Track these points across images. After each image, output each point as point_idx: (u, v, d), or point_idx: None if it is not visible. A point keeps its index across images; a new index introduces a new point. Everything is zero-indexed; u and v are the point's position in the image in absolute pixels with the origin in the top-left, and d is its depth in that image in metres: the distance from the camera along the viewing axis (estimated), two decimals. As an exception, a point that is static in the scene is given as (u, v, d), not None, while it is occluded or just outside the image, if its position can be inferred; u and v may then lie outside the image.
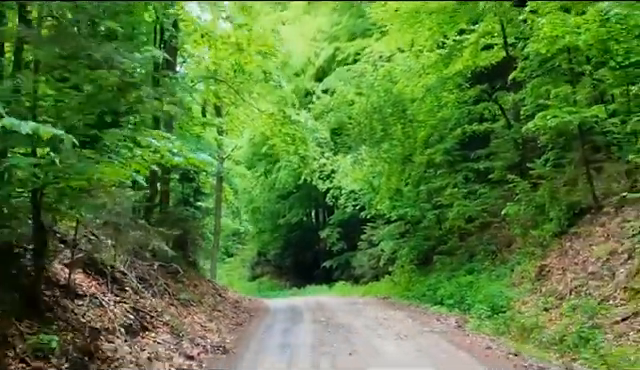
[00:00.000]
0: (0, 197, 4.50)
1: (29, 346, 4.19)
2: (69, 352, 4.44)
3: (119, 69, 4.37)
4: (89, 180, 4.47)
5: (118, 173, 4.71)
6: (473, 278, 12.61)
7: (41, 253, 4.89)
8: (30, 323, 4.50)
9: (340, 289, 20.28)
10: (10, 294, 4.58)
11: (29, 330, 4.40)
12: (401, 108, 14.41)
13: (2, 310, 4.31)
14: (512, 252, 12.73)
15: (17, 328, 4.31)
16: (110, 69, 4.28)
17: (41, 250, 4.88)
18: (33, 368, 4.06)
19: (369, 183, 17.01)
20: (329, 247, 24.00)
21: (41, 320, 4.64)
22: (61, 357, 4.31)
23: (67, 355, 4.39)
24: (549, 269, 10.69)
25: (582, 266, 9.77)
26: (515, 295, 10.58)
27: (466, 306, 11.00)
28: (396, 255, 17.78)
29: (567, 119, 10.58)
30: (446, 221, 15.41)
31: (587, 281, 9.16)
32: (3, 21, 5.05)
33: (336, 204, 20.89)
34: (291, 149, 12.83)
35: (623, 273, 8.51)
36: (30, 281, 4.82)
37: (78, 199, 4.83)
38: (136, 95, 4.61)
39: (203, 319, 8.13)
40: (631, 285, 8.06)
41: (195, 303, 8.81)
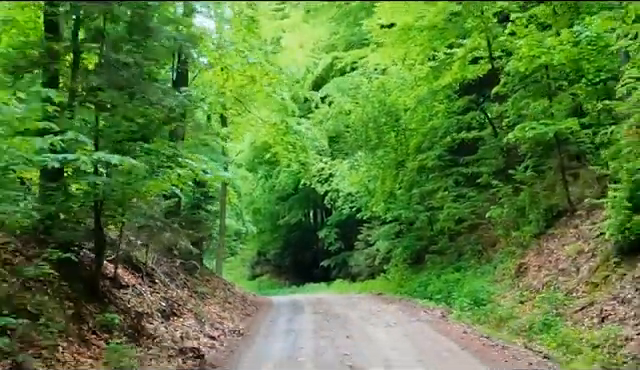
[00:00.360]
0: (64, 207, 5.75)
1: (97, 322, 5.44)
2: (124, 328, 5.70)
3: (166, 107, 5.62)
4: (138, 192, 5.71)
5: (161, 186, 5.96)
6: (460, 275, 13.91)
7: (100, 252, 6.14)
8: (94, 306, 5.75)
9: (338, 287, 21.55)
10: (76, 284, 5.83)
11: (95, 310, 5.65)
12: (394, 117, 15.70)
13: (74, 296, 5.56)
14: (496, 251, 14.02)
15: (87, 308, 5.56)
16: (153, 105, 5.52)
17: (100, 249, 6.14)
18: (102, 338, 5.31)
19: (365, 186, 18.29)
20: (327, 247, 25.26)
21: (101, 304, 5.89)
22: (120, 331, 5.58)
23: (124, 330, 5.65)
24: (527, 266, 11.98)
25: (554, 263, 11.05)
26: (496, 290, 11.87)
27: (452, 300, 12.28)
28: (391, 254, 19.04)
29: (543, 131, 11.90)
30: (437, 222, 16.68)
31: (557, 277, 10.44)
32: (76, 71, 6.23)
33: (334, 206, 22.15)
34: (292, 156, 14.09)
35: (586, 269, 9.80)
36: (90, 273, 6.07)
37: (128, 207, 6.09)
38: (175, 125, 5.88)
39: (218, 309, 9.42)
40: (591, 280, 9.34)
41: (210, 296, 10.10)
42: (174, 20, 7.37)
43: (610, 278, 8.90)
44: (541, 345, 7.41)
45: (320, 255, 26.05)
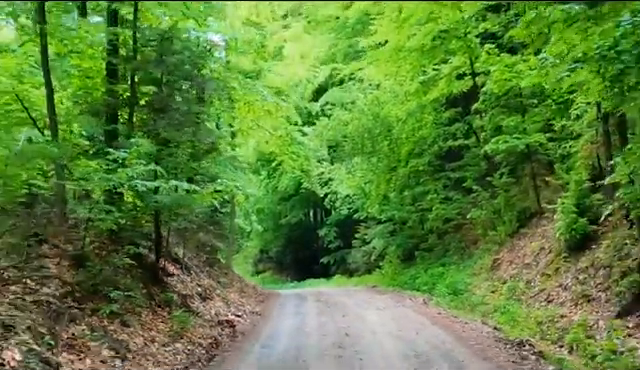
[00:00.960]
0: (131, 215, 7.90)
1: (161, 299, 7.60)
2: (178, 304, 7.87)
3: (209, 141, 7.77)
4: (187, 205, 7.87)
5: (203, 199, 8.10)
6: (444, 269, 16.12)
7: (158, 249, 8.30)
8: (156, 288, 7.92)
9: (337, 281, 23.75)
10: (143, 271, 8.00)
11: (157, 291, 7.82)
12: (387, 128, 17.89)
13: (144, 280, 7.73)
14: (477, 248, 16.21)
15: (153, 289, 7.74)
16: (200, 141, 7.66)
17: (158, 246, 8.29)
18: (165, 310, 7.48)
19: (361, 189, 20.49)
20: (327, 245, 27.44)
21: (160, 286, 8.06)
22: (176, 306, 7.75)
23: (178, 306, 7.83)
24: (500, 261, 14.18)
25: (522, 259, 13.25)
26: (473, 282, 14.07)
27: (435, 290, 14.50)
28: (385, 251, 21.25)
29: (515, 144, 14.10)
30: (427, 222, 18.86)
31: (522, 269, 12.64)
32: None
33: (333, 206, 24.35)
34: (296, 165, 16.22)
35: (543, 263, 12.00)
36: (151, 264, 8.24)
37: (177, 215, 8.24)
38: (217, 154, 8.03)
39: (237, 296, 11.57)
40: (546, 271, 11.53)
41: (229, 285, 12.24)
42: (218, 77, 9.54)
43: (559, 270, 11.09)
44: (495, 321, 9.60)
45: (320, 252, 28.21)
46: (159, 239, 8.50)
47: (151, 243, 8.74)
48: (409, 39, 16.81)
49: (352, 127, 17.93)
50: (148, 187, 6.77)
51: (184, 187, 6.99)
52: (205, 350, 7.00)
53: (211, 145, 8.52)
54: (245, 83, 11.10)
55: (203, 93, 9.32)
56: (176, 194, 7.23)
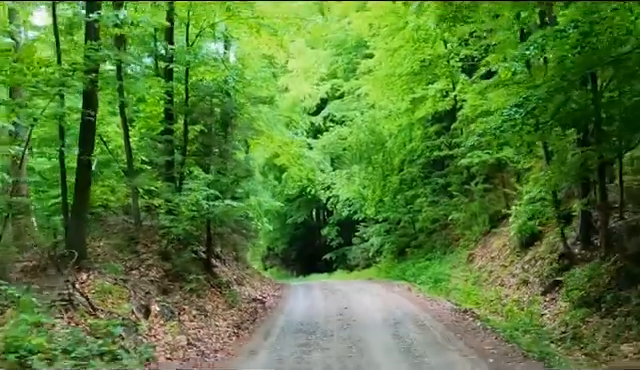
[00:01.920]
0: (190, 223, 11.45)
1: (214, 282, 11.16)
2: (225, 286, 11.45)
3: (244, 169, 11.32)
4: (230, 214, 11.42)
5: (241, 211, 11.61)
6: (430, 263, 19.68)
7: (209, 247, 11.86)
8: (209, 275, 11.49)
9: (338, 275, 27.33)
10: (199, 264, 11.57)
11: (211, 277, 11.38)
12: (381, 142, 21.45)
13: (202, 269, 11.31)
14: (457, 245, 19.75)
15: (208, 276, 11.33)
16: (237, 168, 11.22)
17: (209, 246, 11.85)
18: (218, 290, 11.05)
19: (359, 194, 24.07)
20: (329, 242, 30.99)
21: (212, 274, 11.62)
22: (224, 288, 11.33)
23: (225, 287, 11.40)
24: (474, 256, 17.72)
25: (490, 253, 16.80)
26: (452, 272, 17.62)
27: (420, 280, 18.07)
28: (381, 248, 24.85)
29: (486, 158, 17.61)
30: (417, 222, 22.43)
31: (488, 262, 16.21)
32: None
33: (334, 208, 27.91)
34: (303, 174, 19.68)
35: (503, 257, 15.57)
36: (204, 259, 11.80)
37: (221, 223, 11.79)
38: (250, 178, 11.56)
39: (259, 284, 15.12)
40: (503, 263, 15.10)
41: (252, 276, 15.79)
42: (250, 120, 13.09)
43: (513, 262, 14.65)
44: (457, 300, 13.18)
45: (323, 249, 31.76)
46: (209, 240, 12.06)
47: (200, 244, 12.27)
48: (399, 66, 20.31)
49: (351, 141, 21.49)
50: (213, 205, 10.28)
51: (233, 205, 10.53)
52: (249, 315, 10.56)
53: (247, 172, 12.05)
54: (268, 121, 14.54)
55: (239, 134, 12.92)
56: (224, 208, 10.74)
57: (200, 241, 12.25)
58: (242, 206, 11.40)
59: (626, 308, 8.65)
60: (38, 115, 9.02)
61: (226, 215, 11.22)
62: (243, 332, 9.18)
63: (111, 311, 6.98)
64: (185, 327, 8.13)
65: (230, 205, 10.66)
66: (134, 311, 7.47)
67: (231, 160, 12.27)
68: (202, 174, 11.38)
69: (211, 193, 10.44)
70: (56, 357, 5.18)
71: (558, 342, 8.82)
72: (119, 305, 7.38)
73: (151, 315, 7.74)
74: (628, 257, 9.69)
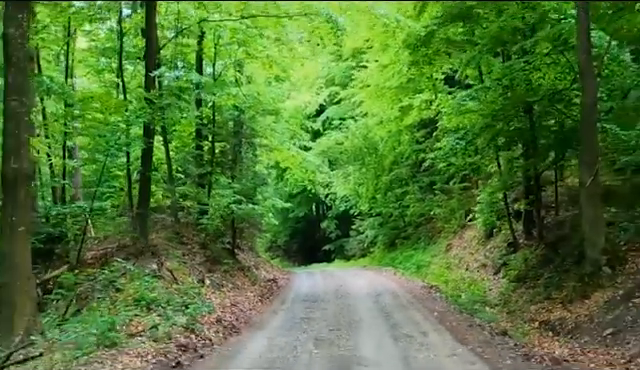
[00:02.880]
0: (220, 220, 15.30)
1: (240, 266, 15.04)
2: (248, 270, 15.34)
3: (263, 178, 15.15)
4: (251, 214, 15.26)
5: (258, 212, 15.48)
6: (414, 252, 23.61)
7: (234, 240, 15.72)
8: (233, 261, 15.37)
9: (336, 264, 31.28)
10: (227, 252, 15.45)
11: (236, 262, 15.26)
12: (373, 146, 25.30)
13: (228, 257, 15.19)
14: (439, 237, 23.68)
15: (233, 261, 15.22)
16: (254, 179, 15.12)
17: (234, 237, 15.70)
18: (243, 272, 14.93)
19: (355, 191, 27.98)
20: (328, 234, 34.91)
21: (236, 261, 15.50)
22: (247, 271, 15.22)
23: (248, 270, 15.30)
24: (452, 246, 21.64)
25: (463, 244, 20.73)
26: (432, 260, 21.55)
27: (405, 266, 22.00)
28: (375, 240, 28.80)
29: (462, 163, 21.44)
30: (406, 217, 26.34)
31: (461, 250, 20.15)
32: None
33: (333, 203, 31.81)
34: (305, 176, 23.49)
35: (471, 246, 19.52)
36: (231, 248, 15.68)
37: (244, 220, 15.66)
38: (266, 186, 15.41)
39: (270, 269, 19.03)
40: (471, 251, 19.04)
41: (263, 263, 19.70)
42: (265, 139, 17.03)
43: (478, 250, 18.58)
44: (429, 280, 17.11)
45: (322, 241, 35.71)
46: (234, 234, 15.93)
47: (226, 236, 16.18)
48: (389, 80, 24.09)
49: (347, 145, 25.37)
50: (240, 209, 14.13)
51: (254, 207, 14.38)
52: (267, 290, 14.43)
53: (262, 181, 15.90)
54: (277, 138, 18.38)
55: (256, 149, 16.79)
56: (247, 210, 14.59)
57: (225, 234, 16.13)
58: (260, 208, 15.32)
59: (540, 282, 12.53)
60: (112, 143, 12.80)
61: (247, 215, 15.08)
62: (265, 300, 13.08)
63: (182, 281, 10.83)
64: (226, 295, 11.99)
65: (252, 208, 14.55)
66: (196, 282, 11.33)
67: (250, 171, 16.15)
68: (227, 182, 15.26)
69: (237, 198, 14.29)
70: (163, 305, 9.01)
71: (493, 306, 12.71)
72: (185, 278, 11.23)
73: (205, 286, 11.57)
74: (548, 245, 13.59)
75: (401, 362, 7.30)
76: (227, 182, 15.31)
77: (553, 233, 14.16)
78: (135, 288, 9.17)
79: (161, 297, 9.21)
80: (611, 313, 9.15)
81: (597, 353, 8.01)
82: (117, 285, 9.33)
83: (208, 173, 15.97)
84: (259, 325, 10.13)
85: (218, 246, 14.78)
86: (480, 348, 8.07)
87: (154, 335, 7.55)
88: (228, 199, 14.19)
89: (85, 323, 7.38)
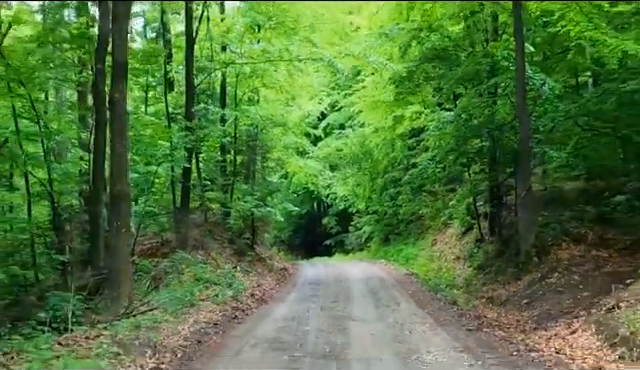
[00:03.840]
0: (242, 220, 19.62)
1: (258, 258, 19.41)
2: (264, 260, 19.73)
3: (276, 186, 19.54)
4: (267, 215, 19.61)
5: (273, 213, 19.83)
6: (405, 247, 28.04)
7: (253, 236, 20.09)
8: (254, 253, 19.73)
9: (336, 257, 35.69)
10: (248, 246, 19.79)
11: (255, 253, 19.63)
12: (369, 152, 29.65)
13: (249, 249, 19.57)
14: (426, 233, 28.11)
15: (253, 254, 19.59)
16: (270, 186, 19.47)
17: (253, 234, 20.06)
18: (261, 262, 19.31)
19: (353, 191, 32.38)
20: (328, 230, 39.32)
21: (255, 253, 19.90)
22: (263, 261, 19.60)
23: (264, 260, 19.69)
24: (436, 241, 26.07)
25: (445, 239, 25.16)
26: (419, 253, 26.00)
27: (395, 259, 26.41)
28: (371, 235, 33.23)
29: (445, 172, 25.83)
30: (399, 215, 30.76)
31: (443, 245, 24.57)
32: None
33: (333, 202, 36.21)
34: (308, 179, 27.80)
35: (451, 241, 23.92)
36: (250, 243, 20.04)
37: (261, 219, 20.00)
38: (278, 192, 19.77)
39: (281, 260, 23.45)
40: (450, 246, 23.43)
41: (274, 255, 24.11)
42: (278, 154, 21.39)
43: (456, 245, 22.98)
44: (412, 269, 21.52)
45: (323, 236, 40.08)
46: (253, 231, 20.30)
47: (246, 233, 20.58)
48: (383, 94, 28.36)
49: (346, 152, 29.74)
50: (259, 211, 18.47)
51: (270, 210, 18.73)
52: (282, 276, 18.80)
53: (276, 188, 20.26)
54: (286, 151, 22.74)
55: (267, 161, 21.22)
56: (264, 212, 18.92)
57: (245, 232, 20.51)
58: (275, 211, 19.68)
59: (493, 269, 16.88)
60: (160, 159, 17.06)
61: (264, 216, 19.44)
62: (281, 283, 17.46)
63: (222, 267, 15.18)
64: (252, 278, 16.33)
65: (268, 210, 18.92)
66: (231, 268, 15.67)
67: (265, 181, 20.48)
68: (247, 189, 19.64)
69: (257, 203, 18.64)
70: (215, 282, 13.35)
71: (458, 288, 17.05)
72: (223, 265, 15.58)
73: (237, 271, 15.89)
74: (503, 241, 17.94)
75: (378, 318, 11.65)
76: (246, 189, 19.68)
77: (508, 231, 18.50)
78: (193, 271, 13.52)
79: (212, 278, 13.56)
80: (530, 289, 13.48)
81: (513, 315, 12.29)
82: (180, 269, 13.68)
83: (231, 181, 20.32)
84: (279, 299, 14.52)
85: (242, 241, 19.16)
86: (433, 311, 12.44)
87: (215, 301, 11.92)
88: (250, 204, 18.56)
89: (169, 293, 11.73)
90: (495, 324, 10.80)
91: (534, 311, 12.19)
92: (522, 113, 15.02)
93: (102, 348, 7.64)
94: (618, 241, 14.81)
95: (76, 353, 7.58)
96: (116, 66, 12.45)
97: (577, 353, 8.37)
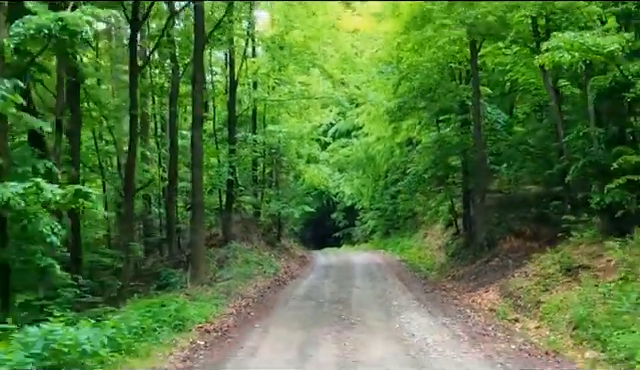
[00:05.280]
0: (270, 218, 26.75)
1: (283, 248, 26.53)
2: (288, 250, 26.91)
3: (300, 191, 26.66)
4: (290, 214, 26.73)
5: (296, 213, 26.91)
6: (402, 239, 35.21)
7: (279, 231, 27.20)
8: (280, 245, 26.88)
9: (344, 248, 42.93)
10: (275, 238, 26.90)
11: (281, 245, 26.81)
12: (372, 158, 36.76)
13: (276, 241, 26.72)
14: (420, 228, 35.29)
15: (281, 244, 26.77)
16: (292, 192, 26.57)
17: (279, 229, 27.17)
18: (286, 251, 26.46)
19: (358, 191, 39.58)
20: (337, 224, 46.55)
21: (281, 244, 27.01)
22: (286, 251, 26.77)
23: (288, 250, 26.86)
24: (427, 234, 33.26)
25: (433, 233, 32.34)
26: (413, 245, 33.18)
27: (393, 249, 33.58)
28: (375, 229, 40.45)
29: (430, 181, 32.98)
30: (398, 211, 37.92)
31: (431, 238, 31.75)
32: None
33: (341, 199, 43.41)
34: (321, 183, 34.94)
35: (437, 234, 31.04)
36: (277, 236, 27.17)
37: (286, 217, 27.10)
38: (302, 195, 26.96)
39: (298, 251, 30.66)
40: (436, 238, 30.54)
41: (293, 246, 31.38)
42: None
43: (440, 237, 30.16)
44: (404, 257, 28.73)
45: (332, 229, 47.32)
46: (279, 227, 27.40)
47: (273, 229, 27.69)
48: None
49: (351, 158, 36.87)
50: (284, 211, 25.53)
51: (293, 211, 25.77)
52: (302, 262, 25.89)
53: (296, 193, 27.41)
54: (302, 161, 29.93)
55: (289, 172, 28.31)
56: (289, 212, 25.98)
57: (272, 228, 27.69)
58: (295, 211, 26.83)
59: (460, 256, 23.95)
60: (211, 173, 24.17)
61: (287, 215, 26.55)
62: (302, 267, 24.63)
63: (262, 254, 22.36)
64: (282, 263, 23.49)
65: (292, 211, 26.05)
66: (267, 255, 22.82)
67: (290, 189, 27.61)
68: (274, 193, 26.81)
69: (283, 205, 25.76)
70: (260, 264, 20.52)
71: (434, 270, 24.15)
72: (262, 252, 22.77)
73: (272, 257, 23.03)
74: (470, 235, 25.00)
75: (370, 287, 18.77)
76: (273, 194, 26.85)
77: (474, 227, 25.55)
78: (243, 256, 20.68)
79: (257, 261, 20.74)
80: (477, 269, 20.50)
81: (461, 285, 19.29)
82: (235, 254, 20.82)
83: (261, 188, 27.48)
84: (303, 276, 21.70)
85: (271, 235, 26.32)
86: (408, 283, 19.58)
87: (264, 275, 19.10)
88: (277, 206, 25.72)
89: (234, 269, 18.89)
90: (444, 289, 17.92)
91: (474, 283, 19.21)
92: (478, 141, 22.04)
93: (213, 295, 14.81)
94: (547, 235, 21.75)
95: (199, 298, 14.69)
96: (196, 118, 19.57)
97: (482, 302, 15.44)
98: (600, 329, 10.18)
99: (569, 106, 19.21)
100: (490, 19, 16.99)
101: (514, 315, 13.56)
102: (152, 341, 9.42)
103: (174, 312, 11.09)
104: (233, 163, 23.83)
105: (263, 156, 27.89)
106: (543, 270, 15.29)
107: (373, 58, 30.21)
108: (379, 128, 36.42)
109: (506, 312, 13.65)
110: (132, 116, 17.12)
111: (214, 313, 12.96)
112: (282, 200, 26.54)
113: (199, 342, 10.36)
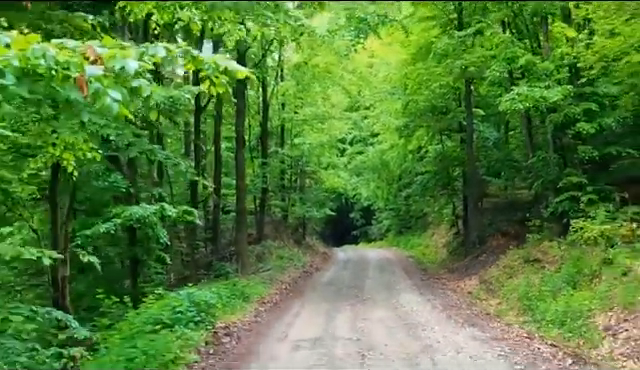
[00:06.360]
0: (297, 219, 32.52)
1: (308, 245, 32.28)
2: (312, 247, 32.73)
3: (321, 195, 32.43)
4: (313, 217, 32.46)
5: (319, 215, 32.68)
6: (412, 237, 40.88)
7: (304, 229, 32.94)
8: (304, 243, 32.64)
9: (361, 245, 48.66)
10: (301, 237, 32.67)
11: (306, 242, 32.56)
12: (386, 164, 42.42)
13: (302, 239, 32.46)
14: (429, 227, 40.91)
15: (304, 243, 32.53)
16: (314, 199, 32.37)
17: (304, 229, 32.92)
18: (311, 248, 32.24)
19: (374, 193, 45.33)
20: (355, 223, 52.28)
21: (306, 242, 32.77)
22: (311, 248, 32.61)
23: (313, 248, 32.70)
24: (435, 234, 38.91)
25: (439, 232, 37.99)
26: (422, 242, 38.88)
27: (404, 246, 39.25)
28: (389, 228, 46.16)
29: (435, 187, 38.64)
30: (411, 212, 43.57)
31: (437, 236, 37.40)
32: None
33: (358, 200, 49.14)
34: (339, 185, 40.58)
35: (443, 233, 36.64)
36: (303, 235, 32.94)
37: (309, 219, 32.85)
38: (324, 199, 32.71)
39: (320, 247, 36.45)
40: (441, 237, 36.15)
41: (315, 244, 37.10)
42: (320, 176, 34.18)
43: (444, 236, 35.82)
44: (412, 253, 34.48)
45: (350, 228, 53.07)
46: (304, 227, 33.14)
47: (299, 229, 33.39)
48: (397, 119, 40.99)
49: (367, 164, 42.61)
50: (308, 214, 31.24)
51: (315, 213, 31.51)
52: (324, 257, 31.60)
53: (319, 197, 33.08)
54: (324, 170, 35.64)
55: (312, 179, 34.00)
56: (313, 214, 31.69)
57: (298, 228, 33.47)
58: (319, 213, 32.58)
59: (459, 252, 29.53)
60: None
61: (312, 217, 32.29)
62: (325, 261, 30.34)
63: (292, 250, 28.14)
64: (308, 258, 29.21)
65: (315, 213, 31.79)
66: (295, 251, 28.56)
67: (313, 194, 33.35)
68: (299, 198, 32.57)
69: (307, 209, 31.49)
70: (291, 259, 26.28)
71: (436, 264, 29.77)
72: (293, 249, 28.55)
73: (300, 253, 28.75)
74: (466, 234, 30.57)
75: (380, 277, 24.48)
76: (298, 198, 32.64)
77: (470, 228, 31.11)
78: (277, 253, 26.45)
79: (289, 256, 26.53)
80: (469, 263, 26.08)
81: (453, 276, 24.91)
82: (270, 251, 26.58)
83: (288, 193, 33.29)
84: (326, 269, 27.48)
85: (298, 234, 32.10)
86: (410, 274, 25.28)
87: (295, 267, 24.89)
88: (302, 210, 31.49)
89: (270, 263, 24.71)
90: (438, 279, 23.58)
91: (464, 274, 24.87)
92: (470, 156, 27.63)
93: (260, 281, 20.62)
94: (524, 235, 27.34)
95: (251, 283, 20.41)
96: (239, 139, 25.40)
97: (464, 287, 21.08)
98: (531, 301, 15.72)
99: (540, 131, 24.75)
100: (471, 69, 22.55)
101: (485, 296, 19.08)
102: (233, 305, 15.24)
103: (241, 289, 16.91)
104: (266, 173, 29.59)
105: (291, 167, 33.66)
106: (511, 262, 20.74)
107: (385, 79, 35.81)
108: (392, 137, 42.13)
109: (479, 294, 19.14)
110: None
111: (264, 293, 18.74)
112: (306, 204, 32.30)
113: (260, 309, 16.18)
